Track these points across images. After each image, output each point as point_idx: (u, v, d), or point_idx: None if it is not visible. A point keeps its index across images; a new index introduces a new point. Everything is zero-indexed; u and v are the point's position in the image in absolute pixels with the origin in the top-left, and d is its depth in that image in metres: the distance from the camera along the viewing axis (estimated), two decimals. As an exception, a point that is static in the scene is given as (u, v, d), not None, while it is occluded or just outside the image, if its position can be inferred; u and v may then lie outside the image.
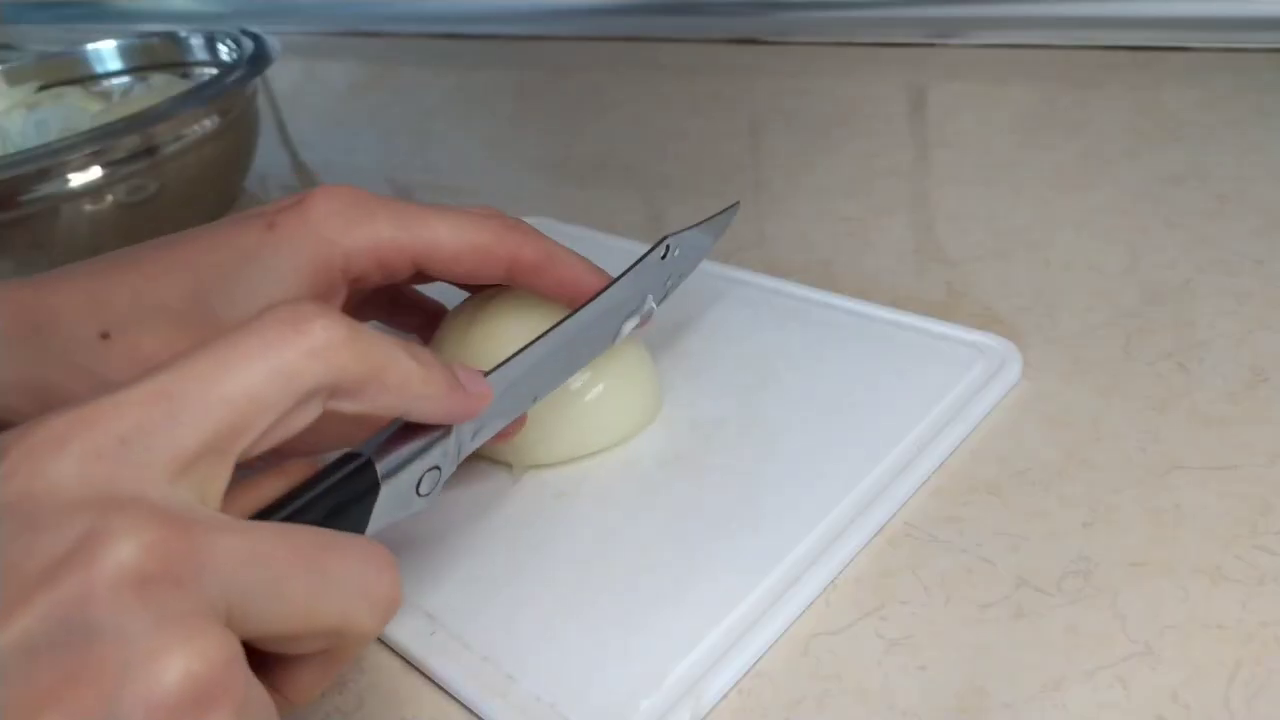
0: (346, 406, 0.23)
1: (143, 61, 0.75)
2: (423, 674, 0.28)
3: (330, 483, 0.23)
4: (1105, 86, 0.57)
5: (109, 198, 0.56)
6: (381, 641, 0.29)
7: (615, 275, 0.33)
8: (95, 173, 0.55)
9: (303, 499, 0.23)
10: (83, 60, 0.76)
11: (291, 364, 0.21)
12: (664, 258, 0.35)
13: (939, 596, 0.28)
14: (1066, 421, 0.33)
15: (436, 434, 0.26)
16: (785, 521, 0.30)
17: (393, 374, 0.23)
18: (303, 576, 0.20)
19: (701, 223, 0.36)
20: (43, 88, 0.73)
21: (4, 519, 0.18)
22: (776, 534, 0.30)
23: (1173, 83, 0.55)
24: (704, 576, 0.29)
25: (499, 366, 0.28)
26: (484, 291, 0.36)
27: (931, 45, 0.68)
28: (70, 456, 0.18)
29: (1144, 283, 0.39)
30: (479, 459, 0.35)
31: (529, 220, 0.51)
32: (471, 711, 0.27)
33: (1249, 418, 0.31)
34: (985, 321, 0.38)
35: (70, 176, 0.54)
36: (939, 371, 0.35)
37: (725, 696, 0.26)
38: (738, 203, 0.38)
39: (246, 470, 0.22)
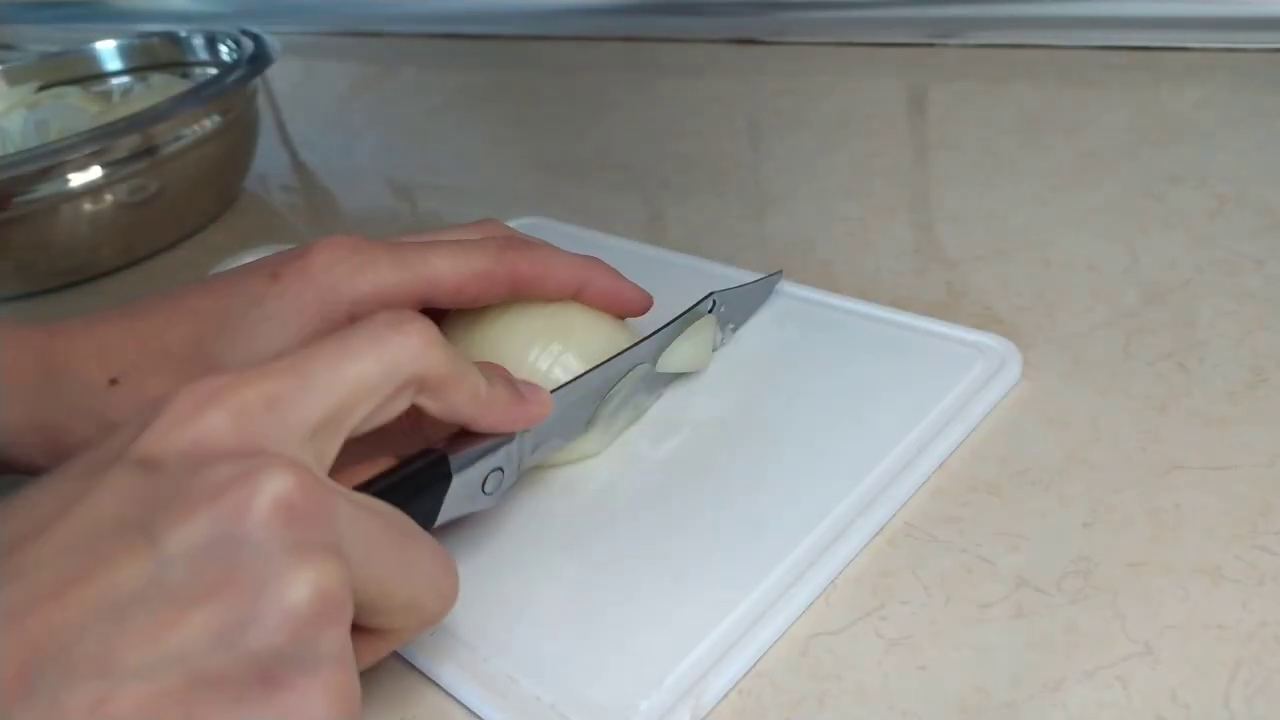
0: (429, 404, 0.26)
1: (143, 61, 0.75)
2: (423, 674, 0.28)
3: (411, 470, 0.27)
4: (1105, 86, 0.57)
5: (109, 197, 0.56)
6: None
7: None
8: (95, 173, 0.55)
9: (389, 479, 0.26)
10: (83, 60, 0.76)
11: (394, 357, 0.25)
12: (711, 311, 0.37)
13: (939, 596, 0.28)
14: (1066, 421, 0.33)
15: (502, 438, 0.29)
16: (785, 522, 0.30)
17: (469, 380, 0.27)
18: (390, 551, 0.23)
19: (745, 285, 0.39)
20: (43, 88, 0.73)
21: (183, 456, 0.21)
22: (776, 534, 0.30)
23: (1173, 83, 0.55)
24: (704, 577, 0.29)
25: (560, 388, 0.32)
26: None
27: (931, 45, 0.68)
28: (226, 410, 0.22)
29: (1144, 283, 0.39)
30: None
31: (527, 220, 0.51)
32: (472, 712, 0.27)
33: (1249, 418, 0.31)
34: (985, 321, 0.38)
35: (70, 176, 0.54)
36: (939, 372, 0.35)
37: (725, 697, 0.26)
38: (780, 272, 0.41)
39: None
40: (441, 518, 0.28)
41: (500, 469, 0.29)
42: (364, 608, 0.22)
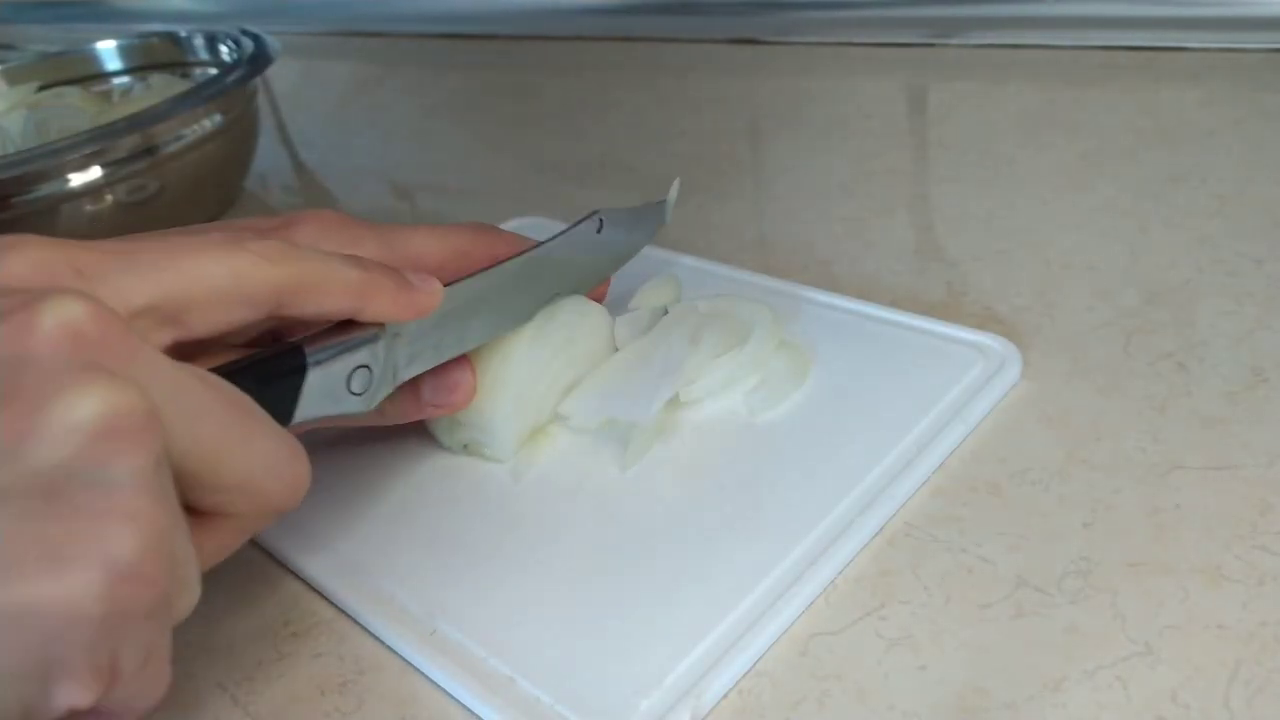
0: (295, 311, 0.26)
1: (143, 61, 0.75)
2: (423, 674, 0.28)
3: (261, 356, 0.27)
4: (1105, 86, 0.57)
5: (109, 197, 0.56)
6: (380, 641, 0.29)
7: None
8: (95, 173, 0.55)
9: (239, 364, 0.26)
10: (83, 60, 0.76)
11: (241, 265, 0.25)
12: (599, 231, 0.37)
13: (939, 596, 0.28)
14: (1067, 421, 0.33)
15: (367, 333, 0.28)
16: (784, 522, 0.30)
17: (336, 277, 0.27)
18: (218, 422, 0.22)
19: (633, 208, 0.39)
20: (43, 88, 0.73)
21: None
22: (776, 534, 0.30)
23: (1173, 83, 0.55)
24: (703, 576, 0.29)
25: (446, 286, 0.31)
26: None
27: (931, 45, 0.68)
28: (28, 257, 0.22)
29: (1144, 283, 0.39)
30: (479, 459, 0.35)
31: (527, 220, 0.51)
32: (472, 712, 0.27)
33: (1249, 417, 0.31)
34: (985, 321, 0.38)
35: (70, 176, 0.54)
36: (939, 371, 0.35)
37: (725, 696, 0.26)
38: (664, 200, 0.41)
39: None
40: (302, 414, 0.27)
41: (367, 367, 0.29)
42: (191, 481, 0.22)
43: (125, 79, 0.75)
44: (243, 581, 0.33)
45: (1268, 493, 0.29)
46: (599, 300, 0.39)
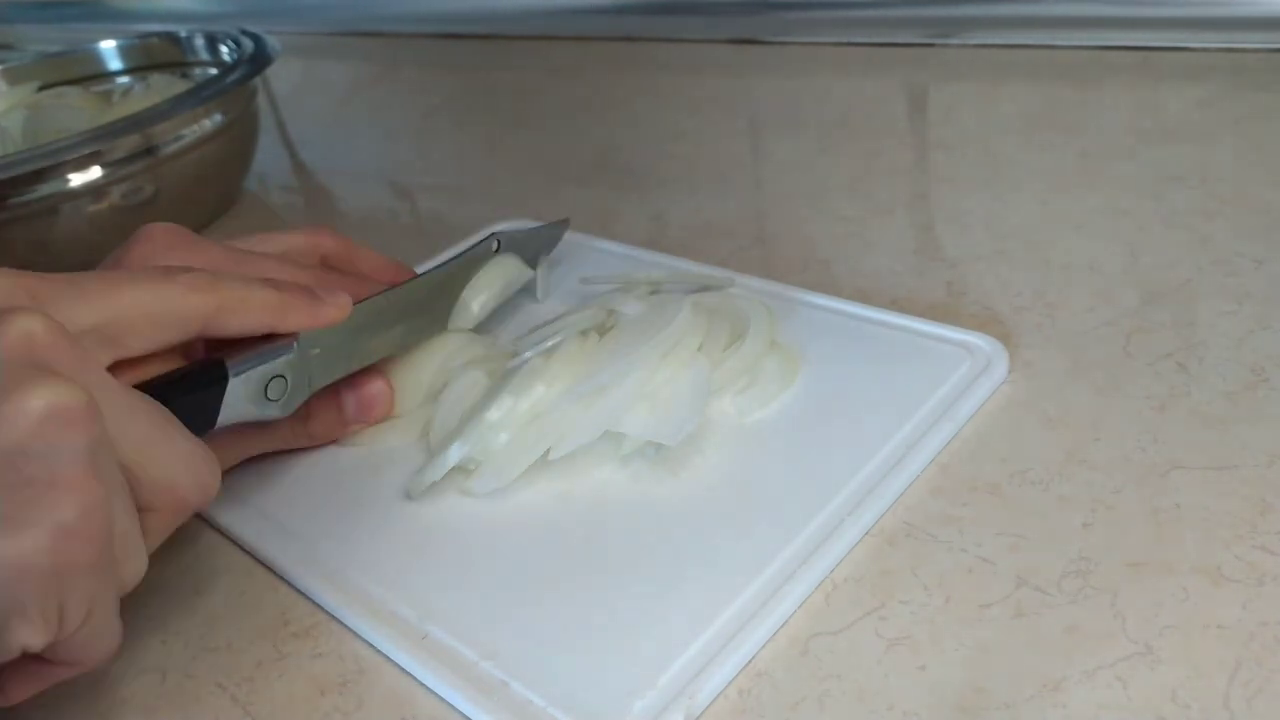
0: (221, 331, 0.31)
1: (143, 62, 0.75)
2: (416, 680, 0.28)
3: (190, 369, 0.31)
4: (1105, 86, 0.57)
5: (108, 198, 0.56)
6: (373, 647, 0.29)
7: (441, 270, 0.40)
8: (95, 173, 0.55)
9: (168, 377, 0.30)
10: (83, 60, 0.76)
11: (171, 294, 0.30)
12: (496, 251, 0.42)
13: (939, 596, 0.28)
14: (1066, 421, 0.33)
15: (282, 345, 0.33)
16: (774, 522, 0.30)
17: (255, 299, 0.32)
18: (145, 424, 0.26)
19: (532, 229, 0.44)
20: (43, 88, 0.73)
21: None
22: (766, 534, 0.30)
23: (1172, 83, 0.55)
24: (696, 576, 0.29)
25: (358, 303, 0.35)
26: None
27: (931, 45, 0.68)
28: None
29: (1144, 283, 0.39)
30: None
31: (515, 222, 0.51)
32: (466, 717, 0.27)
33: (1248, 417, 0.31)
34: (985, 321, 0.38)
35: (70, 176, 0.54)
36: (926, 371, 0.35)
37: (724, 695, 0.26)
38: (567, 219, 0.45)
39: None
40: (225, 418, 0.31)
41: (283, 377, 0.33)
42: (127, 476, 0.26)
43: (125, 79, 0.75)
44: (242, 582, 0.33)
45: (1267, 493, 0.29)
46: None
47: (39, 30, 1.39)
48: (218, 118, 0.60)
